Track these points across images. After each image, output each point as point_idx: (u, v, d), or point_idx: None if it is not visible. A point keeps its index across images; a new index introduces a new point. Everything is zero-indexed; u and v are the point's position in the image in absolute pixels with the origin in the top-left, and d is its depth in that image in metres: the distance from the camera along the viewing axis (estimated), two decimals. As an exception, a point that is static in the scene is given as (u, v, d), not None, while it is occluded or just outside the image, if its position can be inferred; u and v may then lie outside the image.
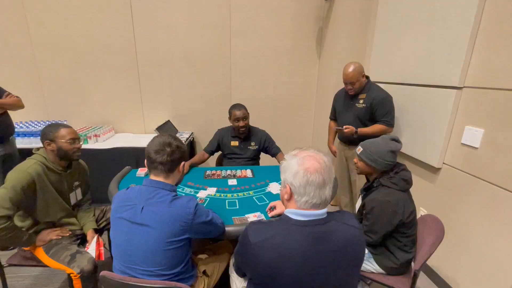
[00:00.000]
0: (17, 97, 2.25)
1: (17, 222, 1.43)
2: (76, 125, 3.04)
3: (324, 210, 0.85)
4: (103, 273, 0.99)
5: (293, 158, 0.85)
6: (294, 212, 0.84)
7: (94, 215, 1.68)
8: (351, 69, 1.96)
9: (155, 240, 0.96)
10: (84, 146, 2.65)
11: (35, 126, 2.70)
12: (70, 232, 1.50)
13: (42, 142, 1.41)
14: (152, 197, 1.00)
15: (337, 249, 0.82)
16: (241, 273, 1.06)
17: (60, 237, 1.44)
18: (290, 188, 0.84)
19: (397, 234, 1.33)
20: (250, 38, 3.04)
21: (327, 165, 0.83)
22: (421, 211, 1.97)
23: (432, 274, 1.88)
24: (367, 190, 1.43)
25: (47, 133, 1.41)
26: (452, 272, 1.75)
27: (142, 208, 0.98)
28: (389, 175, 1.34)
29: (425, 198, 1.94)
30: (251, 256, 0.82)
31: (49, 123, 2.83)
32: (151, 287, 0.93)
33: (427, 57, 1.85)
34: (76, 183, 1.60)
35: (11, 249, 1.53)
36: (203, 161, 2.18)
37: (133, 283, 0.94)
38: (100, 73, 2.95)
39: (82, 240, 1.57)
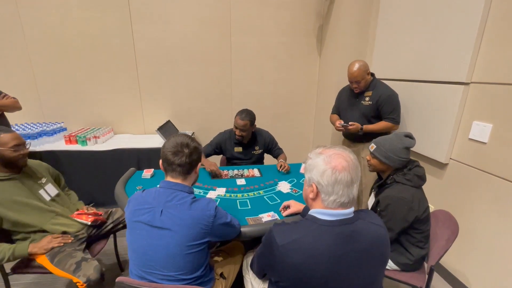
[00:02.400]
0: (14, 98, 2.17)
1: (14, 237, 1.38)
2: (74, 126, 2.97)
3: (352, 209, 0.84)
4: (120, 279, 0.96)
5: (318, 157, 0.83)
6: (322, 212, 0.82)
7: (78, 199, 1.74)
8: (355, 67, 1.95)
9: (176, 244, 0.93)
10: (83, 148, 2.59)
11: (32, 128, 2.61)
12: (72, 239, 1.43)
13: None
14: (171, 199, 0.97)
15: (365, 248, 0.81)
16: (261, 275, 1.04)
17: (62, 244, 1.37)
18: (317, 187, 0.82)
19: (412, 230, 1.34)
20: (250, 35, 3.01)
21: (354, 163, 0.82)
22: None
23: (441, 269, 1.90)
24: (380, 187, 1.43)
25: None
26: (461, 267, 1.77)
27: (162, 211, 0.95)
28: (403, 171, 1.34)
29: (432, 194, 1.95)
30: (279, 258, 0.80)
31: (47, 124, 2.77)
32: (172, 292, 0.91)
33: (433, 53, 1.86)
34: (43, 179, 1.50)
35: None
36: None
37: (153, 288, 0.91)
38: (98, 73, 2.88)
39: (88, 244, 1.53)
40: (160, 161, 1.05)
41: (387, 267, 1.41)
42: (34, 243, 1.35)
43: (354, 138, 2.20)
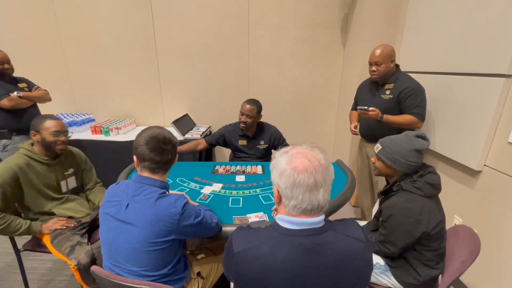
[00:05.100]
0: (45, 90, 2.38)
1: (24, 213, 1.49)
2: (101, 118, 3.17)
3: (320, 218, 0.72)
4: (93, 267, 0.97)
5: (282, 155, 0.73)
6: (284, 219, 0.73)
7: None
8: (380, 48, 1.76)
9: (138, 240, 0.90)
10: (106, 138, 2.75)
11: (64, 118, 2.85)
12: (75, 223, 1.51)
13: (31, 132, 1.44)
14: (138, 193, 0.95)
15: (333, 265, 0.69)
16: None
17: (65, 227, 1.46)
18: (278, 190, 0.73)
19: (420, 246, 1.14)
20: (269, 29, 2.90)
21: (321, 164, 0.70)
22: (455, 220, 1.72)
23: (466, 293, 1.63)
24: (385, 194, 1.25)
25: (34, 124, 1.42)
26: (491, 293, 1.49)
27: (128, 205, 0.93)
28: (412, 178, 1.15)
29: (460, 205, 1.68)
30: (234, 266, 0.72)
31: (77, 115, 3.00)
32: (135, 287, 0.89)
33: (469, 41, 1.57)
34: (70, 170, 1.60)
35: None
36: (194, 151, 2.09)
37: (117, 281, 0.90)
38: (123, 67, 3.02)
39: (92, 229, 1.60)
40: (135, 157, 1.02)
41: (390, 285, 1.24)
42: (43, 223, 1.46)
43: (372, 138, 1.99)
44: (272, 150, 2.24)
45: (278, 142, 2.14)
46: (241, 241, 0.74)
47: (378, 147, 1.23)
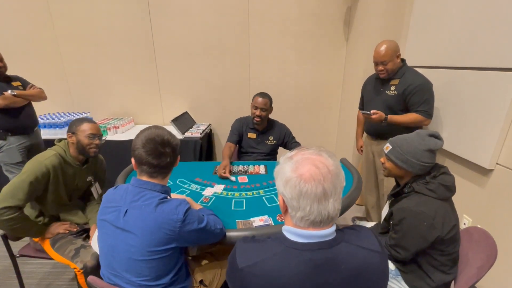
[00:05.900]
0: (40, 88, 2.31)
1: (27, 209, 1.44)
2: (99, 117, 3.11)
3: (330, 230, 0.66)
4: (90, 278, 0.92)
5: (287, 162, 0.67)
6: (291, 231, 0.67)
7: None
8: (384, 46, 1.69)
9: (137, 249, 0.85)
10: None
11: (60, 117, 2.79)
12: (78, 228, 1.48)
13: (67, 134, 1.43)
14: (137, 199, 0.89)
15: (347, 281, 0.63)
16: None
17: (68, 231, 1.43)
18: (283, 200, 0.67)
19: (433, 251, 1.09)
20: (270, 23, 2.82)
21: (330, 170, 0.63)
22: (464, 220, 1.67)
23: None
24: (396, 196, 1.20)
25: (72, 125, 1.43)
26: (503, 296, 1.45)
27: (126, 211, 0.88)
28: (425, 179, 1.09)
29: (470, 205, 1.63)
30: (239, 282, 0.67)
31: (74, 114, 2.93)
32: (134, 299, 0.84)
33: (480, 33, 1.50)
34: (89, 178, 1.58)
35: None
36: (232, 154, 2.07)
37: (115, 293, 0.85)
38: (121, 65, 2.95)
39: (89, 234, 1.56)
40: (133, 160, 0.96)
41: (400, 290, 1.19)
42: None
43: (376, 135, 1.93)
44: (278, 151, 2.20)
45: (288, 139, 2.12)
46: (245, 255, 0.68)
47: (388, 146, 1.17)
